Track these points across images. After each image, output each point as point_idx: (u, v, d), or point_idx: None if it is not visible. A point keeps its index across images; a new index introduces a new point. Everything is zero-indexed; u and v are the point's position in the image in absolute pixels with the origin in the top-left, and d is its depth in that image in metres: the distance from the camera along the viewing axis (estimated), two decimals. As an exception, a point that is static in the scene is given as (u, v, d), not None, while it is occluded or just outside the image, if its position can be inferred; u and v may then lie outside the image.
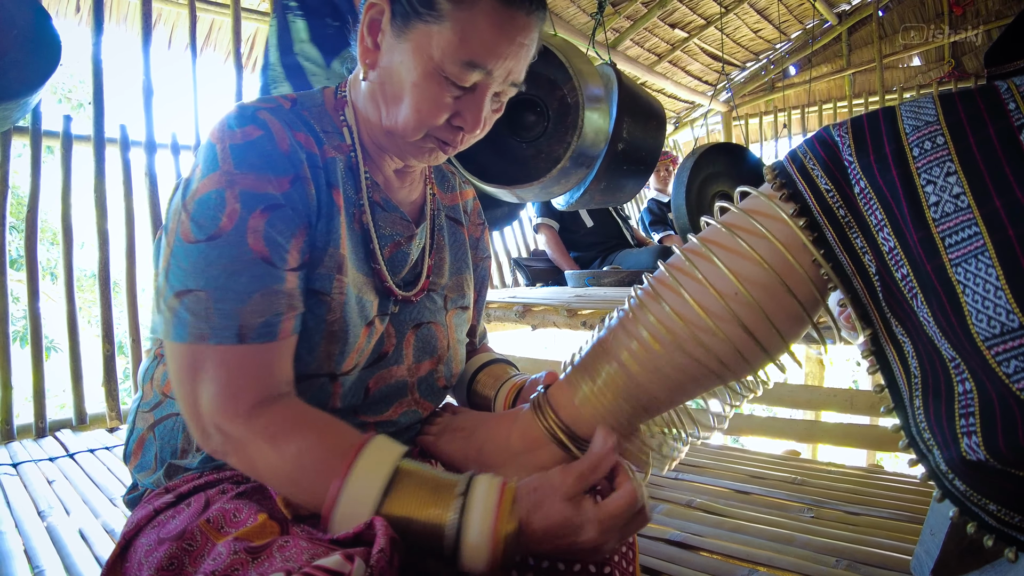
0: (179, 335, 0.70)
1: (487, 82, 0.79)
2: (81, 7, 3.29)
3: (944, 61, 6.03)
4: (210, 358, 0.70)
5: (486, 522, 0.64)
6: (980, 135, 0.50)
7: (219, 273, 0.70)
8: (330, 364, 0.79)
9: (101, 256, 2.35)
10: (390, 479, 0.66)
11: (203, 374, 0.70)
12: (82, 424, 2.24)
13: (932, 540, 0.90)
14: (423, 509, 0.65)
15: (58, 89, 8.08)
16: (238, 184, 0.72)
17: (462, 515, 0.65)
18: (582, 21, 5.17)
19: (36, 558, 1.23)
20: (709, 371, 0.69)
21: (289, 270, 0.74)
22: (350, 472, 0.66)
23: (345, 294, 0.80)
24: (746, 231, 0.65)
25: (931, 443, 0.54)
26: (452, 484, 0.67)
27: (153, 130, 2.51)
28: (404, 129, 0.81)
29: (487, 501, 0.66)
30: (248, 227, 0.71)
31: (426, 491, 0.66)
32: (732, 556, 1.27)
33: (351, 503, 0.65)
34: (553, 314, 2.52)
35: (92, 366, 2.33)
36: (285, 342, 0.73)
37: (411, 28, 0.77)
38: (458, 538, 0.64)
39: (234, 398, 0.69)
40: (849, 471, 1.87)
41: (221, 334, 0.69)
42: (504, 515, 0.65)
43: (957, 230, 0.49)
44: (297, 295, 0.75)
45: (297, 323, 0.75)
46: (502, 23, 0.76)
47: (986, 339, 0.47)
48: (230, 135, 0.74)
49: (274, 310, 0.72)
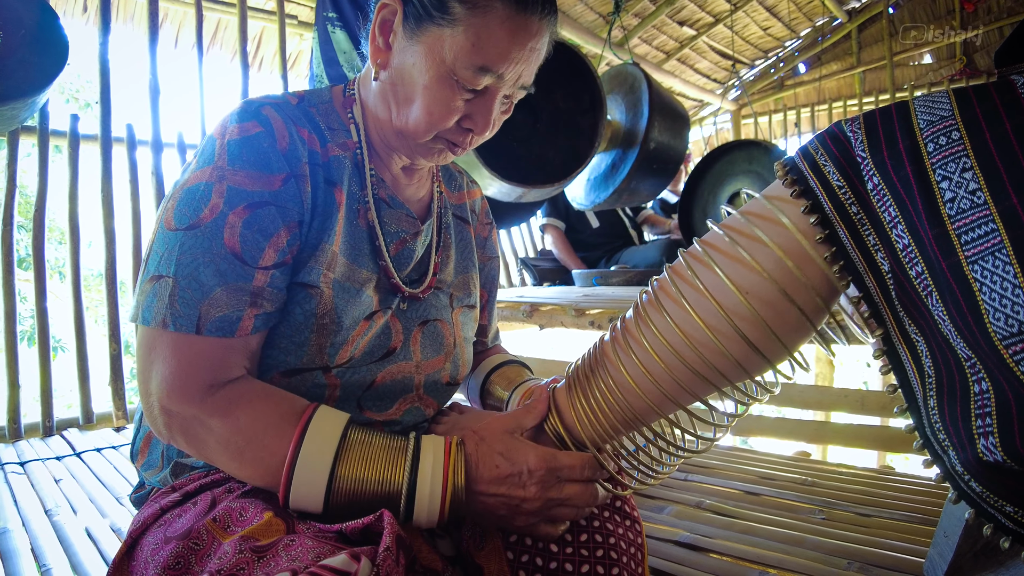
0: (145, 318, 0.72)
1: (498, 85, 0.80)
2: (88, 6, 3.30)
3: (955, 58, 5.98)
4: (166, 343, 0.72)
5: (436, 476, 0.70)
6: (996, 131, 0.49)
7: (190, 262, 0.72)
8: (322, 357, 0.80)
9: (108, 255, 2.36)
10: (341, 441, 0.70)
11: (157, 357, 0.72)
12: (89, 423, 2.25)
13: (945, 542, 0.89)
14: (376, 470, 0.69)
15: (65, 88, 8.14)
16: (227, 180, 0.74)
17: (414, 473, 0.70)
18: (590, 19, 5.15)
19: (43, 556, 1.23)
20: (708, 381, 0.68)
21: (261, 268, 0.75)
22: (304, 434, 0.69)
23: (333, 289, 0.80)
24: (749, 236, 0.64)
25: (946, 444, 0.53)
26: (403, 445, 0.72)
27: (160, 129, 2.52)
28: (415, 130, 0.82)
29: (436, 456, 0.71)
30: (226, 222, 0.73)
31: (376, 451, 0.71)
32: (742, 558, 1.26)
33: (307, 464, 0.68)
34: (561, 314, 2.51)
35: (99, 365, 2.34)
36: (242, 339, 0.75)
37: (424, 31, 0.77)
38: (412, 495, 0.69)
39: (186, 383, 0.71)
40: (860, 472, 1.86)
41: (180, 322, 0.71)
42: (452, 467, 0.71)
43: (973, 227, 0.48)
44: (267, 293, 0.75)
45: (260, 322, 0.75)
46: (515, 29, 0.76)
47: (1003, 338, 0.46)
48: (230, 131, 0.76)
49: (235, 307, 0.73)
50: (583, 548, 0.80)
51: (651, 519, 1.48)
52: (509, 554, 0.80)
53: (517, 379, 1.02)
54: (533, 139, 2.59)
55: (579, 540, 0.80)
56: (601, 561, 0.79)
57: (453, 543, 0.83)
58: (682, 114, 2.89)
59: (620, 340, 0.73)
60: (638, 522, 0.87)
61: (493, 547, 0.80)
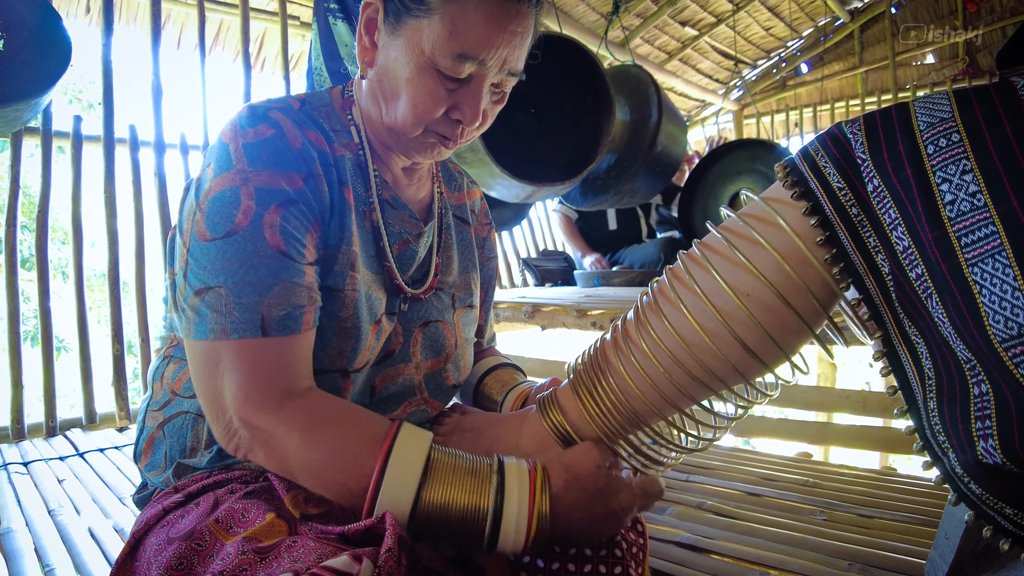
0: (200, 332, 0.70)
1: (482, 73, 0.79)
2: (91, 8, 3.31)
3: (958, 58, 5.96)
4: (233, 352, 0.70)
5: (523, 502, 0.67)
6: (996, 133, 0.49)
7: (237, 268, 0.70)
8: (342, 360, 0.80)
9: (111, 256, 2.36)
10: (426, 465, 0.68)
11: (225, 368, 0.70)
12: (92, 423, 2.25)
13: (946, 544, 0.89)
14: (462, 494, 0.67)
15: (68, 89, 8.14)
16: (252, 181, 0.72)
17: (501, 496, 0.67)
18: (591, 20, 5.15)
19: (46, 556, 1.23)
20: (707, 384, 0.68)
21: (307, 264, 0.74)
22: (389, 459, 0.67)
23: (357, 291, 0.80)
24: (748, 240, 0.64)
25: (946, 446, 0.53)
26: (488, 468, 0.69)
27: (162, 130, 2.52)
28: (403, 125, 0.82)
29: (521, 480, 0.68)
30: (264, 222, 0.72)
31: (462, 475, 0.68)
32: (743, 559, 1.26)
33: (392, 489, 0.66)
34: (563, 314, 2.51)
35: (102, 365, 2.34)
36: (307, 334, 0.74)
37: (403, 24, 0.77)
38: (498, 520, 0.66)
39: (261, 390, 0.69)
40: (862, 473, 1.86)
41: (243, 328, 0.69)
42: (538, 493, 0.68)
43: (973, 229, 0.48)
44: (315, 288, 0.75)
45: (317, 316, 0.75)
46: (492, 13, 0.75)
47: (1003, 340, 0.46)
48: (242, 134, 0.75)
49: (295, 302, 0.72)
50: (586, 548, 0.80)
51: (652, 520, 1.48)
52: (511, 555, 0.80)
53: (511, 382, 1.02)
54: (538, 139, 2.59)
55: (581, 540, 0.80)
56: (604, 561, 0.79)
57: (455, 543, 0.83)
58: (681, 117, 2.91)
59: (621, 342, 0.73)
60: (641, 522, 0.87)
61: (495, 548, 0.80)
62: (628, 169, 2.75)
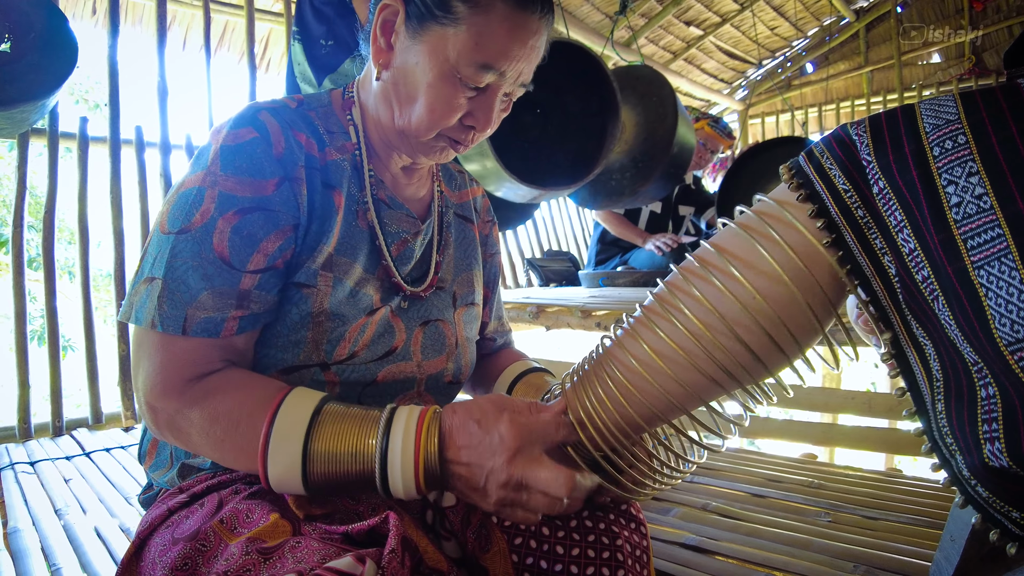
0: (138, 318, 0.73)
1: (499, 83, 0.82)
2: (97, 9, 3.33)
3: (964, 58, 5.94)
4: (154, 343, 0.73)
5: (408, 444, 0.67)
6: (1002, 135, 0.49)
7: (180, 265, 0.73)
8: (319, 354, 0.81)
9: (117, 256, 2.37)
10: (313, 416, 0.69)
11: (143, 355, 0.73)
12: (98, 423, 2.26)
13: (952, 546, 0.89)
14: (348, 440, 0.68)
15: (75, 91, 8.18)
16: (219, 185, 0.75)
17: (387, 439, 0.67)
18: (596, 20, 5.15)
19: (53, 556, 1.24)
20: (711, 386, 0.67)
21: (248, 272, 0.75)
22: (276, 415, 0.68)
23: (332, 287, 0.81)
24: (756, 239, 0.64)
25: (953, 448, 0.52)
26: (377, 415, 0.70)
27: (168, 131, 2.53)
28: (417, 128, 0.83)
29: (408, 423, 0.68)
30: (216, 227, 0.74)
31: (349, 423, 0.69)
32: (748, 560, 1.26)
33: (280, 442, 0.67)
34: (567, 315, 2.51)
35: (108, 365, 2.35)
36: (227, 340, 0.76)
37: (426, 30, 0.79)
38: (385, 461, 0.67)
39: (168, 379, 0.72)
40: (867, 475, 1.85)
41: (168, 323, 0.72)
42: (424, 431, 0.68)
43: (980, 232, 0.48)
44: (254, 296, 0.76)
45: (246, 323, 0.76)
46: (515, 27, 0.78)
47: (1009, 344, 0.46)
48: (225, 136, 0.78)
49: (220, 309, 0.74)
50: (589, 550, 0.80)
51: (657, 521, 1.48)
52: (514, 556, 0.80)
53: (544, 388, 0.98)
54: (544, 139, 2.59)
55: (585, 542, 0.80)
56: (607, 563, 0.79)
57: (459, 545, 0.83)
58: (688, 117, 2.90)
59: (623, 341, 0.73)
60: (644, 524, 0.87)
61: (498, 549, 0.80)
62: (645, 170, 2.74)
